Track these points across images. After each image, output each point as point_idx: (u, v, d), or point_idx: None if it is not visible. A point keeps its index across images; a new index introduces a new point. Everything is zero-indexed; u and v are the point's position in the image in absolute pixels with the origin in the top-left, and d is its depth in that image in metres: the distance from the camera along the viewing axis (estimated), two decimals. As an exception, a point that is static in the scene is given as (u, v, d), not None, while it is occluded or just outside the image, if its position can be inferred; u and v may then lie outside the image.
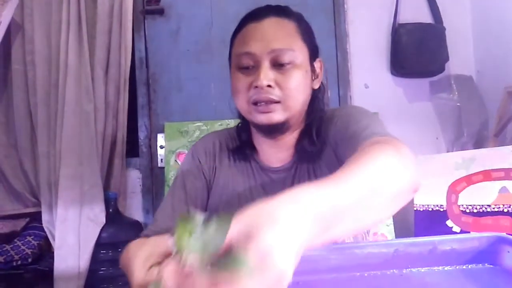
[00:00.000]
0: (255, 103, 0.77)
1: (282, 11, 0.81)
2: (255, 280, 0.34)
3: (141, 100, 2.10)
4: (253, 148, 0.87)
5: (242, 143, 0.88)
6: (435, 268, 0.55)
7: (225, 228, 0.38)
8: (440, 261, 0.55)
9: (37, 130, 1.89)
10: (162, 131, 2.06)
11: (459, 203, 1.63)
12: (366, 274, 0.52)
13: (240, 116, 0.87)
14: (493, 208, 1.53)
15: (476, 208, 1.58)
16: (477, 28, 2.18)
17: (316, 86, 0.84)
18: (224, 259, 0.35)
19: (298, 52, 0.78)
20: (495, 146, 1.80)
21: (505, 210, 1.50)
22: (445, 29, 2.11)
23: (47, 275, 1.78)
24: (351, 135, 0.73)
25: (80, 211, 1.81)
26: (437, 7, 2.14)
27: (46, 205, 1.86)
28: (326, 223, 0.41)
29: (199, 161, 0.89)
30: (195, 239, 0.37)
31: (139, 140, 2.09)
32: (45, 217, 1.86)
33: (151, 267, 0.53)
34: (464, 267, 0.55)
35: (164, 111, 2.11)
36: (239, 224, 0.37)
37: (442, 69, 2.11)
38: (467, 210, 1.60)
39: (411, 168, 0.55)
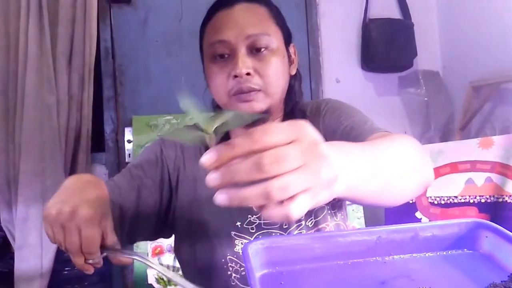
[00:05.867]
0: (235, 94, 0.74)
1: None
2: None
3: (107, 92, 2.01)
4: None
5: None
6: (417, 254, 0.55)
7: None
8: (421, 247, 0.55)
9: (-6, 123, 1.78)
10: (129, 125, 1.98)
11: (428, 194, 1.66)
12: (349, 262, 0.51)
13: (215, 109, 0.84)
14: (460, 199, 1.58)
15: (443, 200, 1.62)
16: (443, 25, 2.24)
17: (293, 72, 0.83)
18: None
19: (273, 37, 0.76)
20: (461, 140, 1.86)
21: (471, 201, 1.55)
22: (413, 24, 2.15)
23: (7, 276, 1.68)
24: (349, 128, 0.73)
25: (42, 209, 1.72)
26: (406, 3, 2.18)
27: (5, 203, 1.75)
28: (361, 175, 0.46)
29: (161, 151, 0.83)
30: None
31: (105, 134, 2.01)
32: (3, 215, 1.75)
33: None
34: (444, 253, 0.56)
35: (131, 104, 2.04)
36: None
37: (410, 65, 2.16)
38: (435, 202, 1.64)
39: (430, 162, 0.63)
